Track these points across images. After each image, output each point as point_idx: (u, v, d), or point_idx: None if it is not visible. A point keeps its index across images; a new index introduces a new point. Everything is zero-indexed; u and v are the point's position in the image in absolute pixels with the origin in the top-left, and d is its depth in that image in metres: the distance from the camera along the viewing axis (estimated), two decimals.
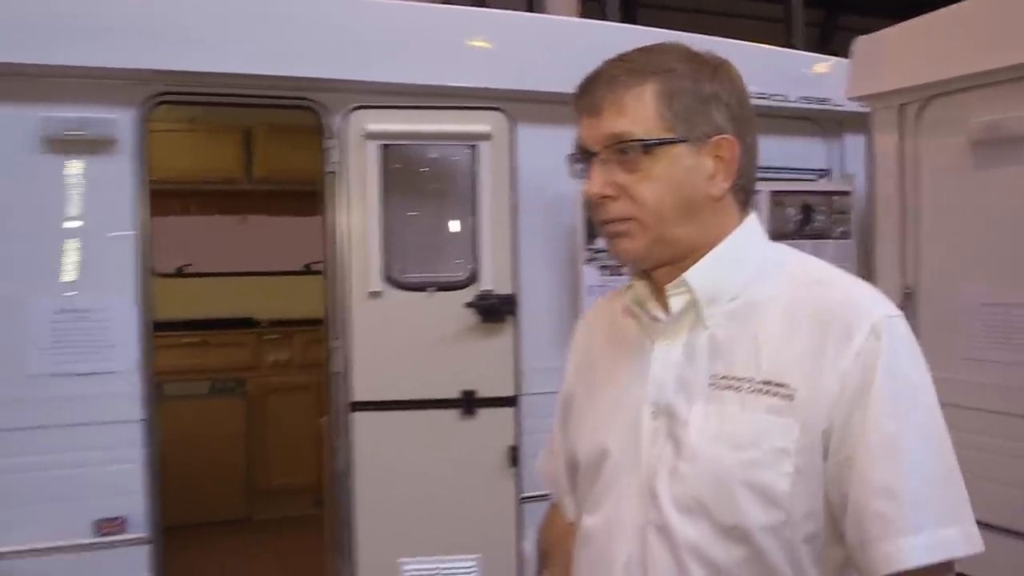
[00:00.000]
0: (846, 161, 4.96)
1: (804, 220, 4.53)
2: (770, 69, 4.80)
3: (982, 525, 3.38)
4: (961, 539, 1.34)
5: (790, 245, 4.23)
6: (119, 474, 3.80)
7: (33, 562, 3.64)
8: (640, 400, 1.50)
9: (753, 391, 1.42)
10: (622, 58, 1.51)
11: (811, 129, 4.93)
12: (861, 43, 4.23)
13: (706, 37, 4.71)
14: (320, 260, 6.69)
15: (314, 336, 6.11)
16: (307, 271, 6.68)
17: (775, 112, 4.69)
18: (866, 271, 4.35)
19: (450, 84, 4.09)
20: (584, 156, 1.51)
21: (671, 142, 1.44)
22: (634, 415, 1.50)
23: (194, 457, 5.70)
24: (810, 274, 1.52)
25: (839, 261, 4.37)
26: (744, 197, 1.55)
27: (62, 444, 3.70)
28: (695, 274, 1.48)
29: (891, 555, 1.32)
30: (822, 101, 4.78)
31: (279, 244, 6.81)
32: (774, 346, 1.43)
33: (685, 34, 4.63)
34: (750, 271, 1.51)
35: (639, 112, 1.45)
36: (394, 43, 4.08)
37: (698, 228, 1.49)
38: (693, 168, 1.46)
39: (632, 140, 1.44)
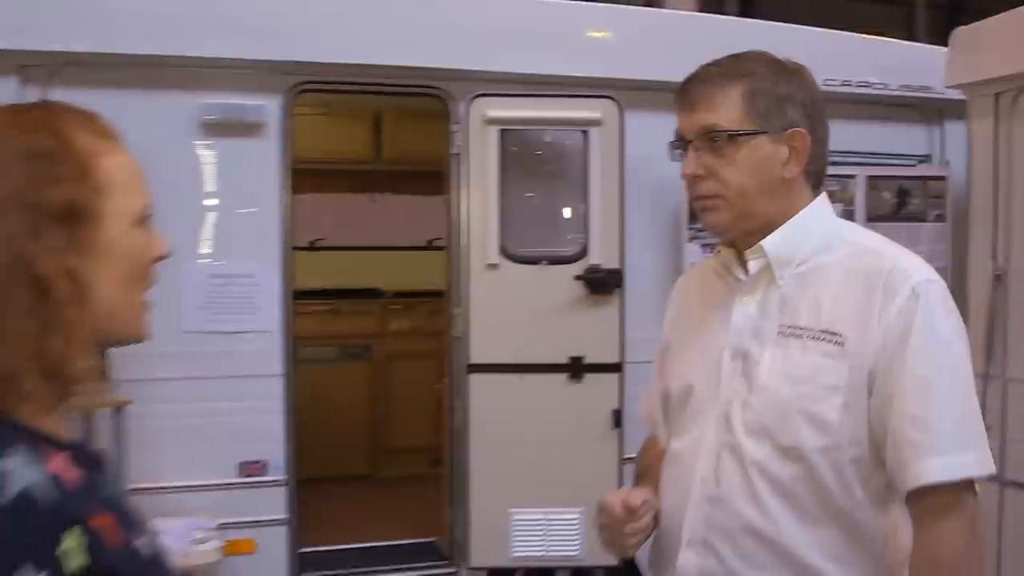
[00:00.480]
0: (947, 147, 5.11)
1: (900, 204, 4.72)
2: (872, 58, 4.98)
3: None
4: (977, 463, 1.65)
5: (885, 227, 4.53)
6: (262, 423, 4.24)
7: (187, 496, 4.10)
8: (722, 345, 1.83)
9: (812, 338, 1.73)
10: (715, 63, 1.83)
11: (912, 116, 5.08)
12: (959, 33, 4.40)
13: (815, 29, 4.96)
14: (441, 237, 7.13)
15: (435, 307, 6.49)
16: (429, 247, 7.08)
17: (876, 99, 4.89)
18: (960, 254, 4.52)
19: (564, 73, 4.41)
20: (681, 143, 1.83)
21: (752, 133, 1.76)
22: (716, 357, 1.83)
23: (323, 416, 6.13)
24: (865, 245, 1.81)
25: (933, 243, 4.61)
26: (815, 180, 1.85)
27: (213, 394, 4.14)
28: (770, 242, 1.79)
29: (919, 473, 1.63)
30: (922, 89, 4.94)
31: (404, 221, 7.22)
32: (831, 303, 1.74)
33: (795, 26, 4.89)
34: (816, 242, 1.81)
35: (727, 108, 1.77)
36: (514, 35, 4.42)
37: (774, 205, 1.80)
38: (770, 155, 1.77)
39: (720, 130, 1.76)
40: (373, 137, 6.83)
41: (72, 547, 1.05)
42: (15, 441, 1.08)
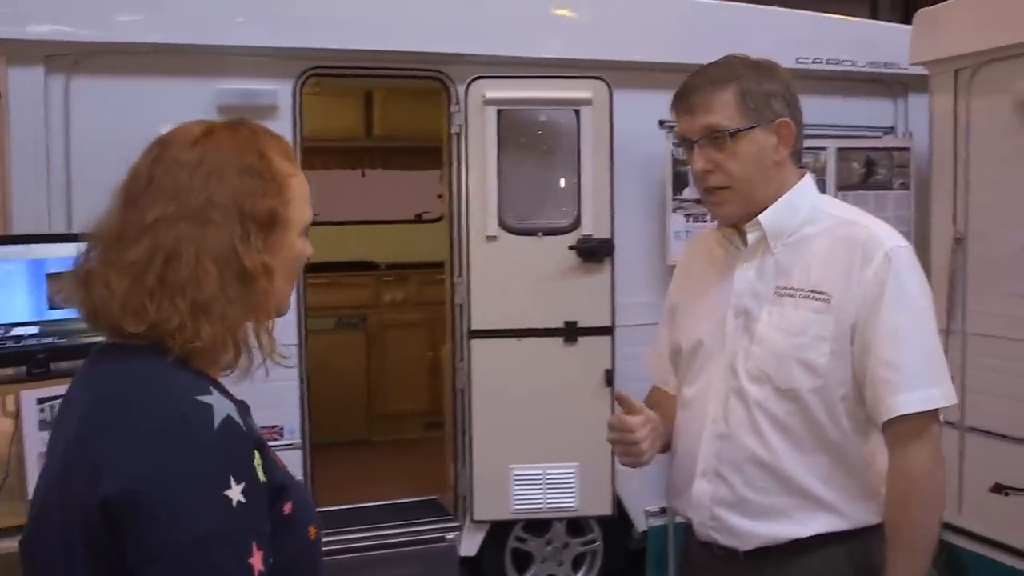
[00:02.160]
0: (910, 120, 5.42)
1: (867, 173, 5.05)
2: (843, 37, 5.28)
3: (1022, 442, 4.13)
4: (942, 396, 2.00)
5: (854, 195, 4.88)
6: (278, 389, 4.50)
7: None
8: (726, 305, 2.15)
9: (803, 297, 2.06)
10: (702, 72, 2.14)
11: (878, 90, 5.39)
12: (921, 14, 4.71)
13: (792, 11, 5.25)
14: (430, 210, 7.40)
15: (427, 278, 6.81)
16: (419, 220, 7.37)
17: (845, 75, 5.20)
18: (922, 219, 4.86)
19: (556, 56, 4.69)
20: (686, 143, 2.14)
21: (749, 128, 2.07)
22: (721, 315, 2.16)
23: (322, 384, 6.39)
24: (844, 216, 2.14)
25: (898, 210, 4.96)
26: (797, 159, 2.18)
27: None
28: (766, 217, 2.11)
29: (893, 405, 1.97)
30: (887, 65, 5.26)
31: (394, 196, 7.48)
32: (818, 266, 2.07)
33: (774, 8, 5.18)
34: (803, 216, 2.13)
35: (724, 109, 2.07)
36: (510, 20, 4.68)
37: (770, 187, 2.12)
38: (764, 145, 2.09)
39: (721, 129, 2.06)
40: (364, 115, 7.06)
41: (258, 464, 1.36)
42: (208, 383, 1.39)
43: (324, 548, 1.55)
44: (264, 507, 1.36)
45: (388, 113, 7.02)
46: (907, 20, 4.79)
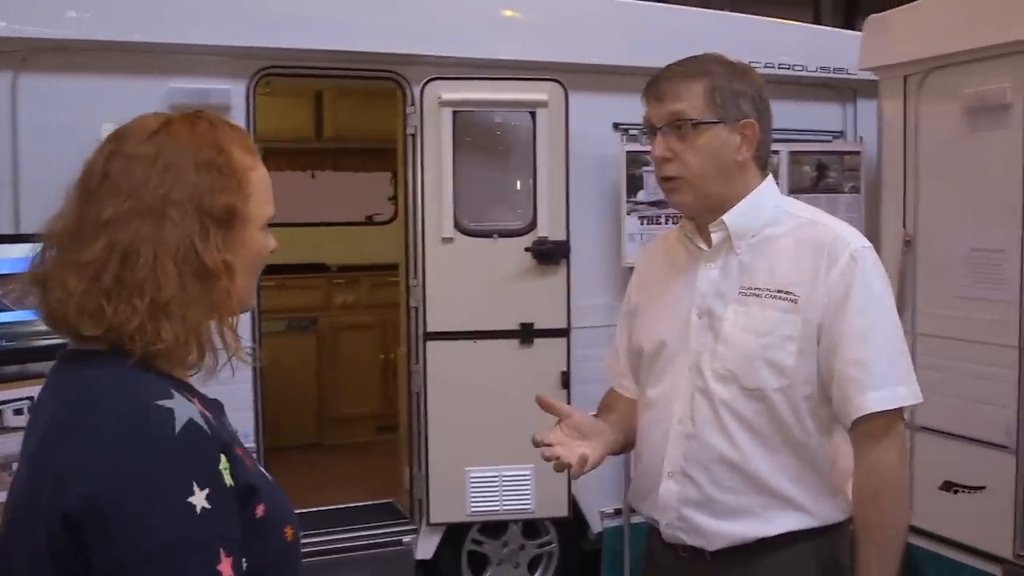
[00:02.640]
0: (859, 124, 5.52)
1: (819, 176, 5.12)
2: (794, 42, 5.36)
3: (972, 440, 4.23)
4: (908, 394, 2.02)
5: (806, 198, 4.94)
6: (231, 392, 4.43)
7: None
8: (689, 305, 2.16)
9: (769, 297, 2.07)
10: (678, 64, 2.15)
11: (828, 95, 5.48)
12: (871, 21, 4.79)
13: (747, 16, 5.31)
14: (380, 212, 7.35)
15: (378, 280, 6.78)
16: (369, 222, 7.32)
17: (797, 80, 5.27)
18: (872, 222, 4.93)
19: (513, 58, 4.68)
20: (650, 129, 2.15)
21: (712, 123, 2.08)
22: (685, 315, 2.16)
23: (272, 388, 6.34)
24: (808, 217, 2.16)
25: (849, 213, 5.04)
26: (762, 163, 2.19)
27: None
28: (730, 217, 2.12)
29: (861, 404, 1.99)
30: (838, 70, 5.33)
31: (345, 198, 7.43)
32: (784, 267, 2.08)
33: (729, 14, 5.23)
34: (766, 216, 2.15)
35: (691, 100, 2.09)
36: (466, 22, 4.67)
37: (728, 185, 2.13)
38: (726, 142, 2.10)
39: (686, 118, 2.07)
40: (314, 116, 7.01)
41: (224, 468, 1.33)
42: (170, 386, 1.35)
43: None
44: (232, 512, 1.32)
45: (339, 114, 6.97)
46: (848, 25, 4.87)
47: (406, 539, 4.73)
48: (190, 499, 1.26)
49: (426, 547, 4.72)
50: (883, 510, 2.00)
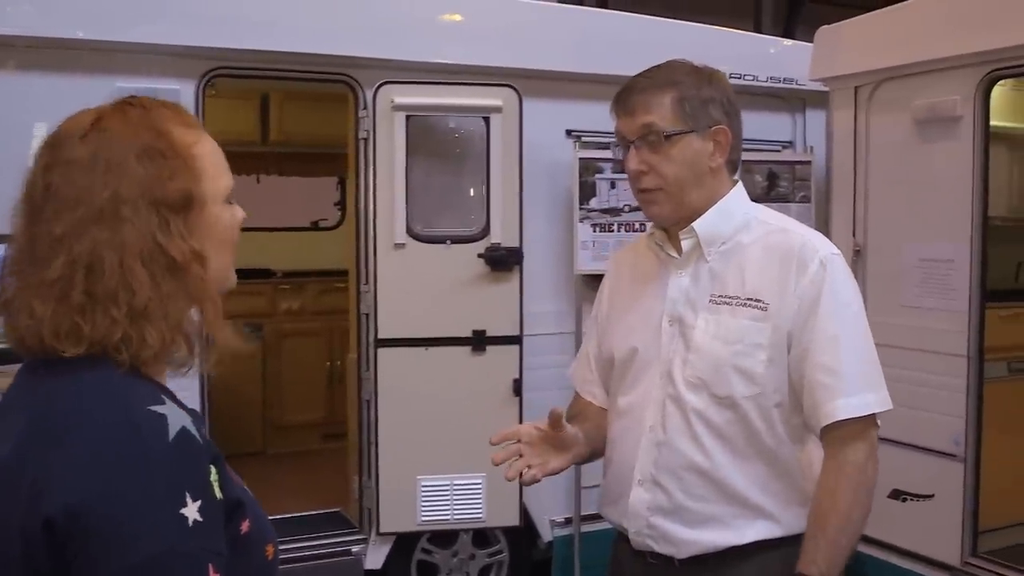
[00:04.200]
0: (808, 134, 5.57)
1: (769, 186, 5.15)
2: (743, 52, 5.40)
3: (920, 448, 4.29)
4: (878, 401, 2.02)
5: None
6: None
7: None
8: (660, 313, 2.14)
9: (739, 305, 2.05)
10: (645, 75, 2.13)
11: (778, 105, 5.52)
12: (822, 32, 4.84)
13: (697, 25, 5.33)
14: (326, 217, 7.26)
15: (325, 286, 6.70)
16: (315, 227, 7.22)
17: (746, 90, 5.29)
18: (822, 231, 4.96)
19: (466, 63, 4.64)
20: (624, 143, 2.12)
21: (684, 133, 2.06)
22: (656, 323, 2.14)
23: (216, 395, 6.23)
24: (777, 225, 2.15)
25: (799, 222, 5.04)
26: (733, 168, 2.18)
27: None
28: (700, 224, 2.10)
29: (831, 411, 1.98)
30: (788, 81, 5.38)
31: (291, 202, 7.33)
32: (753, 274, 2.07)
33: (679, 22, 5.25)
34: (736, 223, 2.13)
35: (661, 111, 2.07)
36: (420, 25, 4.62)
37: (702, 193, 2.11)
38: (699, 150, 2.08)
39: (657, 129, 2.05)
40: (260, 119, 6.90)
41: (214, 479, 1.26)
42: (160, 392, 1.29)
43: None
44: (220, 526, 1.26)
45: (285, 118, 6.86)
46: (789, 35, 4.92)
47: (355, 549, 4.66)
48: (182, 511, 1.20)
49: (375, 557, 4.65)
50: (840, 503, 1.97)
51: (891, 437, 4.32)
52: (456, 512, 4.63)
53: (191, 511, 1.20)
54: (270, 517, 1.38)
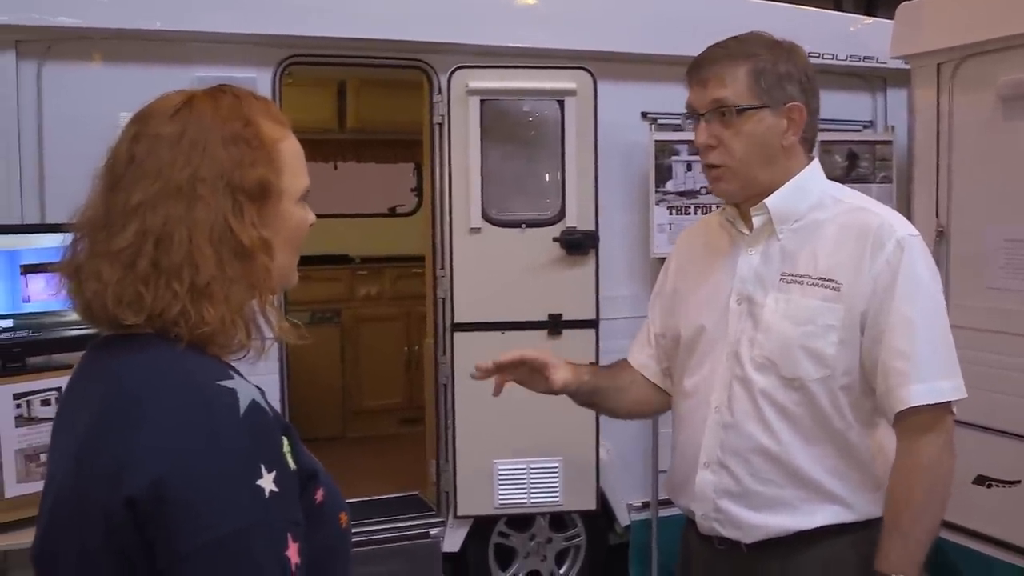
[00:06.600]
0: (890, 113, 5.45)
1: (849, 166, 5.05)
2: (823, 30, 5.29)
3: (1006, 434, 4.18)
4: (952, 389, 1.97)
5: None
6: (261, 384, 4.42)
7: None
8: (729, 291, 2.12)
9: (811, 284, 2.02)
10: (721, 45, 2.10)
11: (858, 84, 5.41)
12: (903, 9, 4.72)
13: (776, 4, 5.24)
14: (403, 204, 7.33)
15: (401, 271, 6.76)
16: (392, 213, 7.29)
17: (825, 69, 5.19)
18: (904, 213, 4.85)
19: (541, 46, 4.64)
20: (693, 116, 2.10)
21: (757, 108, 2.03)
22: (724, 301, 2.12)
23: (295, 380, 6.34)
24: (854, 203, 2.11)
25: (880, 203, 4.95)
26: (809, 147, 2.15)
27: None
28: (773, 200, 2.08)
29: (904, 397, 1.94)
30: (868, 59, 5.27)
31: (368, 189, 7.40)
32: (827, 254, 2.03)
33: (758, 2, 5.16)
34: (811, 201, 2.10)
35: (735, 85, 2.04)
36: (494, 10, 4.63)
37: (773, 171, 2.08)
38: (772, 127, 2.05)
39: (729, 104, 2.02)
40: (336, 106, 6.96)
41: (287, 451, 1.29)
42: (226, 367, 1.32)
43: None
44: (296, 496, 1.29)
45: (362, 105, 6.92)
46: (870, 13, 4.80)
47: (433, 532, 4.70)
48: (259, 482, 1.23)
49: (453, 540, 4.69)
50: (915, 499, 1.94)
51: (976, 422, 4.22)
52: (533, 496, 4.63)
53: (267, 482, 1.23)
54: (348, 500, 1.42)
